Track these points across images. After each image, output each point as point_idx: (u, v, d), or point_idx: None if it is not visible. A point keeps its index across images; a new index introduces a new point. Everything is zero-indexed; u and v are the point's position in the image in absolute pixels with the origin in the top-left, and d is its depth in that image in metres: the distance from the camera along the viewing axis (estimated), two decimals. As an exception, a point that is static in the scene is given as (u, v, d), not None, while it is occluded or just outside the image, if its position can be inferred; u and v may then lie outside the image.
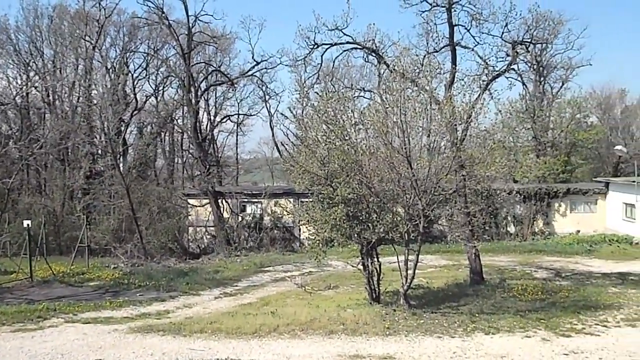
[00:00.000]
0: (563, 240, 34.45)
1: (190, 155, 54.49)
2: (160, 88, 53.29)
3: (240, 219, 39.52)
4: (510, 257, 29.94)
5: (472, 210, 18.90)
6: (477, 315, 16.59)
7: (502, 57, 23.39)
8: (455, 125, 17.59)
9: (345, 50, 26.57)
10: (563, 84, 46.85)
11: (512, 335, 14.88)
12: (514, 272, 25.15)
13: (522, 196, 36.98)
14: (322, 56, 27.25)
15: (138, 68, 51.39)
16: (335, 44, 25.63)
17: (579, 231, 36.21)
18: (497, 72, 22.66)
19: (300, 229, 36.35)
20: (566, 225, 37.25)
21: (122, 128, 45.95)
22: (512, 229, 37.46)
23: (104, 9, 43.63)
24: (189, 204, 41.23)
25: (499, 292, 19.89)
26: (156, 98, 53.19)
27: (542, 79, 45.35)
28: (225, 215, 39.39)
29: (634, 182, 33.34)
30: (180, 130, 54.24)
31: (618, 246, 31.99)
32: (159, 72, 52.44)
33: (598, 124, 50.57)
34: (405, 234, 16.87)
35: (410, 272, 17.26)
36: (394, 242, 17.64)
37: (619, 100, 53.46)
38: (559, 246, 32.54)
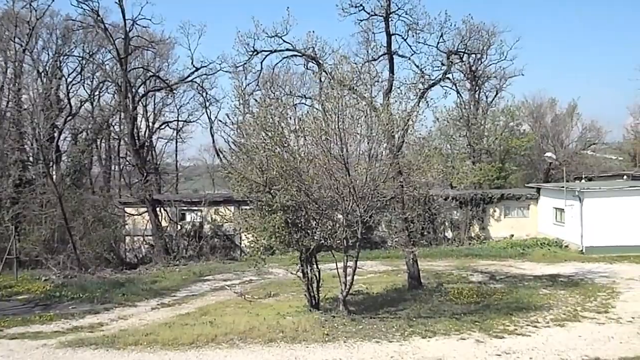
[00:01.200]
0: (498, 244, 35.50)
1: (127, 163, 53.08)
2: (96, 93, 51.82)
3: (179, 227, 38.70)
4: (447, 261, 30.62)
5: (409, 216, 19.25)
6: (414, 319, 16.87)
7: (438, 66, 24.04)
8: (393, 132, 17.88)
9: (285, 57, 26.65)
10: (497, 93, 48.41)
11: (448, 338, 15.21)
12: (450, 276, 25.73)
13: (459, 202, 37.89)
14: (262, 63, 27.24)
15: (72, 72, 49.74)
16: (275, 51, 25.64)
17: (512, 235, 37.37)
18: (433, 81, 23.22)
19: (241, 237, 35.96)
20: (501, 230, 38.39)
21: (55, 134, 44.24)
22: (449, 234, 38.27)
23: (35, 10, 41.89)
24: (126, 212, 40.04)
25: (436, 296, 20.32)
26: (92, 103, 51.65)
27: (476, 88, 46.67)
28: (164, 223, 38.48)
29: (563, 187, 34.77)
30: (117, 137, 52.80)
31: (549, 249, 33.26)
32: (95, 77, 51.02)
33: (530, 132, 52.42)
34: (344, 241, 16.99)
35: (349, 278, 17.38)
36: (333, 249, 17.73)
37: (549, 109, 55.64)
38: (493, 250, 33.51)
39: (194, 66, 42.40)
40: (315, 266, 17.95)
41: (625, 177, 39.32)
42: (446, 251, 33.71)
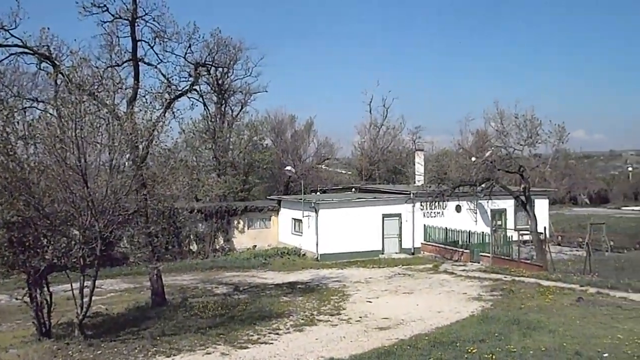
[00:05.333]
0: (241, 255, 36.38)
1: None
2: None
3: None
4: (192, 275, 30.33)
5: (154, 230, 18.47)
6: (158, 338, 16.21)
7: (185, 77, 23.78)
8: (137, 142, 17.09)
9: (13, 54, 23.55)
10: (242, 108, 49.72)
11: (194, 354, 14.94)
12: (196, 290, 25.49)
13: (204, 214, 37.92)
14: (-17, 58, 23.62)
15: None
16: (1, 46, 22.53)
17: (255, 246, 38.71)
18: (180, 92, 22.88)
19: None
20: (244, 241, 39.48)
21: None
22: (194, 247, 38.05)
23: None
24: None
25: (181, 312, 19.88)
26: None
27: (223, 101, 47.37)
28: None
29: (301, 199, 37.27)
30: None
31: (289, 258, 35.26)
32: None
33: (272, 146, 55.18)
34: (81, 259, 15.57)
35: (86, 299, 15.97)
36: (68, 269, 16.14)
37: (289, 125, 59.23)
38: (237, 261, 34.22)
39: None
40: (46, 289, 16.08)
41: (353, 189, 43.83)
42: (191, 265, 33.37)
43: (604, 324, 16.48)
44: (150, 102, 18.57)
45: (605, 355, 13.05)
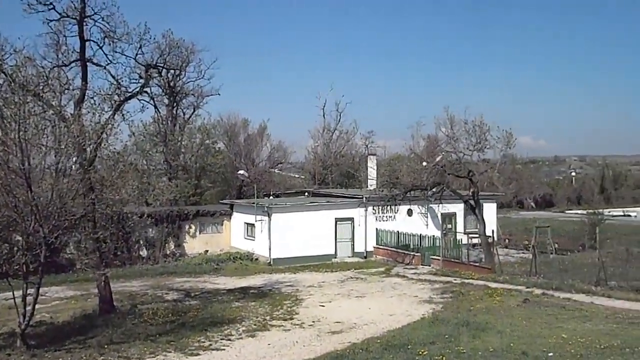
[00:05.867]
0: (193, 260, 35.82)
1: None
2: None
3: None
4: (142, 281, 29.64)
5: (102, 235, 17.97)
6: (106, 346, 15.78)
7: (136, 79, 23.14)
8: (85, 145, 16.65)
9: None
10: (194, 111, 49.07)
11: (142, 362, 14.60)
12: (145, 296, 24.93)
13: (154, 219, 37.16)
14: None
15: None
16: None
17: (207, 251, 38.18)
18: (130, 94, 22.30)
19: None
20: (196, 246, 38.89)
21: None
22: (144, 252, 37.22)
23: None
24: None
25: (130, 319, 19.41)
26: None
27: (174, 104, 46.65)
28: None
29: (254, 203, 37.02)
30: None
31: (241, 263, 34.92)
32: None
33: (225, 150, 54.67)
34: (24, 266, 15.01)
35: (29, 308, 15.41)
36: (10, 276, 15.53)
37: (242, 129, 58.78)
38: (189, 267, 33.68)
39: None
40: (-15, 297, 15.46)
41: (306, 193, 43.83)
42: (141, 270, 32.61)
43: (549, 324, 16.99)
44: (99, 104, 18.15)
45: (551, 354, 13.43)
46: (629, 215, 59.19)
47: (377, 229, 36.88)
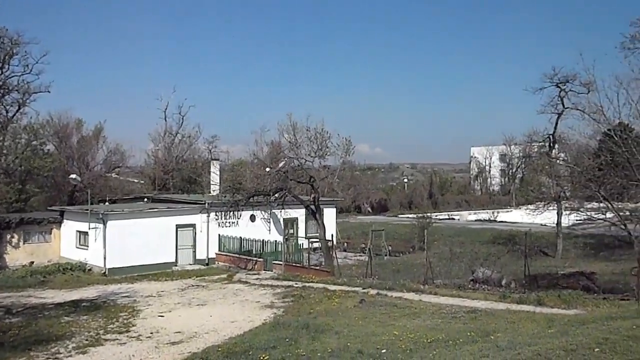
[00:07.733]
0: (16, 273, 32.64)
1: None
2: None
3: None
4: (-47, 297, 26.34)
5: None
6: None
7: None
8: None
9: None
10: (19, 108, 45.08)
11: (-49, 391, 12.93)
12: (-43, 315, 22.19)
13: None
14: None
15: None
16: None
17: (33, 262, 35.05)
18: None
19: None
20: (20, 257, 35.53)
21: None
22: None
23: None
24: None
25: (-64, 342, 17.11)
26: None
27: (-4, 100, 42.55)
28: None
29: (87, 210, 34.70)
30: None
31: (72, 274, 32.49)
32: None
33: (55, 152, 50.76)
34: None
35: None
36: None
37: (75, 130, 54.97)
38: (10, 280, 30.55)
39: None
40: None
41: (145, 199, 42.07)
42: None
43: (383, 323, 17.96)
44: None
45: (384, 351, 14.17)
46: (454, 219, 64.77)
47: (219, 235, 36.50)
